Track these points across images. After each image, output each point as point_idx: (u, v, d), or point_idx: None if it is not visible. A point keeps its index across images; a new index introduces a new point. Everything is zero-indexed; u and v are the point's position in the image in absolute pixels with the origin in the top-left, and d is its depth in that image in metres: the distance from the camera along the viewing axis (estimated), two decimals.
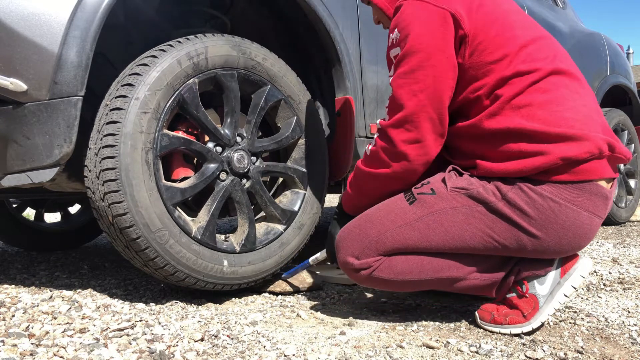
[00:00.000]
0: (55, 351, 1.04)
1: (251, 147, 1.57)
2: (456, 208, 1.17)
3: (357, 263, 1.23)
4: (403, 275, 1.21)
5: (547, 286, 1.19)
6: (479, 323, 1.24)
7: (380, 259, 1.21)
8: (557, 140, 1.09)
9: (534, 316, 1.17)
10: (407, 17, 1.19)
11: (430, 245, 1.19)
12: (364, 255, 1.22)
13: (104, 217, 1.33)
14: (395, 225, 1.21)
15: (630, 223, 3.83)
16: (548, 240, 1.13)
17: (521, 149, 1.11)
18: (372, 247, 1.21)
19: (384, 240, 1.21)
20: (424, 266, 1.21)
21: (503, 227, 1.14)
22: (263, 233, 1.61)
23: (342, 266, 1.27)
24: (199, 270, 1.40)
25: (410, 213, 1.20)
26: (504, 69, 1.15)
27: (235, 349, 1.08)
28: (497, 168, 1.14)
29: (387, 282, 1.23)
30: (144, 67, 1.36)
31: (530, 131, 1.10)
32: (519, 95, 1.13)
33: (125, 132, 1.30)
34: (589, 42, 3.52)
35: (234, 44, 1.54)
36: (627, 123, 3.79)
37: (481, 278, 1.21)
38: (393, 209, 1.23)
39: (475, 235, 1.16)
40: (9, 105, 1.29)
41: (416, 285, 1.24)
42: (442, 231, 1.17)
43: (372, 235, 1.22)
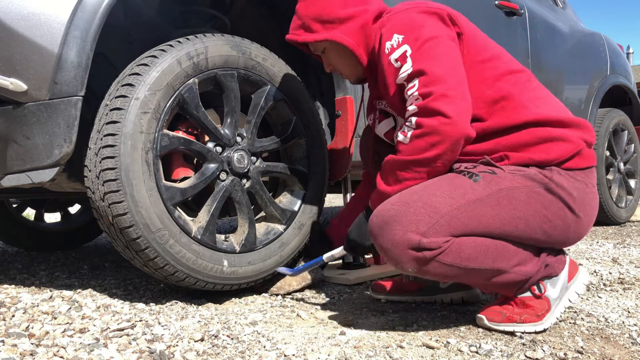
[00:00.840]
0: (55, 351, 1.04)
1: (251, 147, 1.57)
2: (519, 188, 1.15)
3: (426, 241, 1.08)
4: (467, 261, 1.11)
5: (557, 290, 1.22)
6: (486, 325, 1.21)
7: (450, 239, 1.10)
8: (572, 126, 1.21)
9: (546, 317, 1.20)
10: (409, 20, 1.22)
11: (500, 223, 1.13)
12: (433, 232, 1.08)
13: (104, 217, 1.33)
14: (467, 200, 1.12)
15: (630, 223, 3.83)
16: (584, 221, 1.20)
17: (549, 135, 1.18)
18: (443, 223, 1.09)
19: (459, 216, 1.10)
20: (487, 252, 1.13)
21: (556, 208, 1.16)
22: (263, 233, 1.61)
23: (397, 244, 1.10)
24: (199, 270, 1.40)
25: (479, 189, 1.13)
26: (498, 67, 1.24)
27: (235, 349, 1.08)
28: (535, 157, 1.17)
29: (446, 267, 1.11)
30: (144, 67, 1.36)
31: (552, 120, 1.19)
32: (525, 91, 1.22)
33: (126, 132, 1.30)
34: (589, 42, 3.52)
35: (234, 44, 1.54)
36: (627, 123, 3.79)
37: (520, 272, 1.18)
38: (458, 184, 1.14)
39: (535, 215, 1.15)
40: (9, 105, 1.29)
41: (466, 276, 1.15)
42: (511, 209, 1.13)
43: (444, 210, 1.10)
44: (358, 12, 1.33)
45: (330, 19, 1.32)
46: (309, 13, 1.35)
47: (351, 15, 1.33)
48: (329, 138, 1.91)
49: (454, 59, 1.19)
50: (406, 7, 1.27)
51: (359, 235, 1.35)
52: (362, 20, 1.33)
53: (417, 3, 1.28)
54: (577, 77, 3.30)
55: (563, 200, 1.16)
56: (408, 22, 1.23)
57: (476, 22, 2.62)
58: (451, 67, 1.17)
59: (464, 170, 1.19)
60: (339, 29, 1.32)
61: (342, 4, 1.33)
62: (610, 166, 3.64)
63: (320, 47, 1.40)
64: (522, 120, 1.19)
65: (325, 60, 1.43)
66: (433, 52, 1.17)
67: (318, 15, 1.33)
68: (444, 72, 1.15)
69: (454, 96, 1.12)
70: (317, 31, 1.34)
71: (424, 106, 1.13)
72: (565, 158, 1.17)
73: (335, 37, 1.32)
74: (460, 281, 1.25)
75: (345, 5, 1.33)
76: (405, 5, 1.29)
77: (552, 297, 1.22)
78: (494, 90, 1.22)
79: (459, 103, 1.13)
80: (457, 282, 1.21)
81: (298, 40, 1.38)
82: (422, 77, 1.16)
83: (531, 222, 1.15)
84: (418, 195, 1.13)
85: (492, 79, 1.23)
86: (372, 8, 1.36)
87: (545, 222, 1.16)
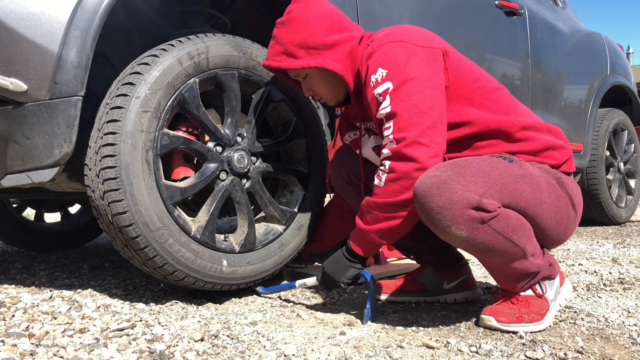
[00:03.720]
0: (55, 351, 1.04)
1: (251, 147, 1.57)
2: (541, 176, 1.22)
3: (486, 202, 1.09)
4: (512, 232, 1.13)
5: (553, 292, 1.28)
6: (495, 326, 1.20)
7: (501, 207, 1.12)
8: (560, 135, 1.33)
9: (546, 316, 1.24)
10: (394, 54, 1.24)
11: (534, 202, 1.18)
12: (489, 195, 1.10)
13: (104, 215, 1.33)
14: (510, 173, 1.16)
15: (630, 223, 3.83)
16: (578, 219, 1.31)
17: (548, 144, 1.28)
18: (497, 188, 1.12)
19: (507, 184, 1.14)
20: (525, 229, 1.16)
21: (565, 201, 1.25)
22: (262, 233, 1.61)
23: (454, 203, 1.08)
24: (198, 269, 1.40)
25: (515, 168, 1.19)
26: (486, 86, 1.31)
27: (235, 349, 1.08)
28: (537, 160, 1.27)
29: (494, 234, 1.11)
30: (145, 66, 1.36)
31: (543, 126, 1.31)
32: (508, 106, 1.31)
33: (126, 131, 1.30)
34: (589, 42, 3.52)
35: (235, 44, 1.54)
36: (627, 123, 3.79)
37: (534, 263, 1.21)
38: (497, 163, 1.18)
39: (551, 204, 1.22)
40: (9, 105, 1.29)
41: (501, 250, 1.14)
42: (539, 191, 1.19)
43: (495, 177, 1.13)
44: (344, 39, 1.34)
45: (315, 46, 1.31)
46: (291, 39, 1.33)
47: (337, 42, 1.33)
48: (329, 138, 1.91)
49: (432, 100, 1.21)
50: (391, 40, 1.27)
51: (334, 272, 1.35)
52: (349, 47, 1.34)
53: (403, 33, 1.29)
54: (577, 77, 3.30)
55: (569, 195, 1.26)
56: (393, 56, 1.24)
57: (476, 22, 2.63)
58: (427, 109, 1.20)
59: (495, 155, 1.24)
60: (325, 55, 1.32)
61: (326, 31, 1.32)
62: (610, 166, 3.64)
63: (302, 74, 1.39)
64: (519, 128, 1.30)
65: (305, 86, 1.42)
66: (411, 93, 1.20)
67: (302, 42, 1.32)
68: (418, 117, 1.19)
69: (426, 143, 1.18)
70: (301, 57, 1.32)
71: (397, 152, 1.19)
72: (559, 165, 1.29)
73: (324, 64, 1.31)
74: (488, 258, 1.20)
75: (329, 32, 1.33)
76: (390, 37, 1.28)
77: (550, 298, 1.26)
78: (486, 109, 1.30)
79: (430, 149, 1.18)
80: (482, 260, 1.21)
81: (281, 66, 1.36)
82: (396, 119, 1.20)
83: (549, 210, 1.22)
84: (469, 162, 1.15)
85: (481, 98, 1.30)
86: (356, 34, 1.37)
87: (557, 213, 1.24)
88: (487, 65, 2.48)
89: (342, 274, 1.33)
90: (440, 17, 2.27)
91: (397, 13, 2.05)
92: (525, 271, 1.21)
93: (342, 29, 1.35)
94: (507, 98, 1.34)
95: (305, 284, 1.48)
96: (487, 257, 1.18)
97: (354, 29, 1.38)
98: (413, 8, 2.13)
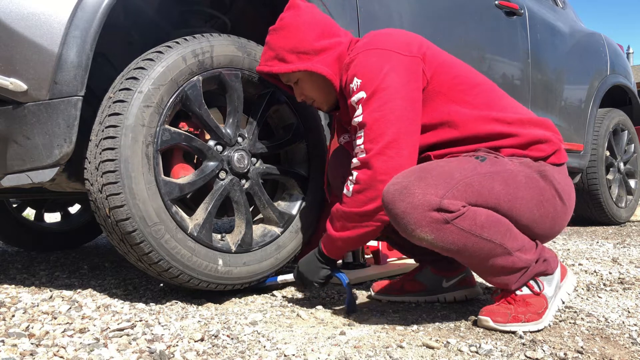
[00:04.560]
0: (55, 351, 1.04)
1: (252, 148, 1.57)
2: (519, 171, 1.21)
3: (446, 202, 1.10)
4: (482, 229, 1.12)
5: (552, 288, 1.26)
6: (492, 326, 1.20)
7: (467, 206, 1.12)
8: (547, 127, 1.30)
9: (545, 314, 1.22)
10: (369, 63, 1.27)
11: (507, 199, 1.16)
12: (451, 196, 1.11)
13: (101, 209, 1.33)
14: (478, 172, 1.16)
15: (630, 223, 3.83)
16: (568, 212, 1.29)
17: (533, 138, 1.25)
18: (460, 188, 1.12)
19: (472, 183, 1.13)
20: (499, 225, 1.15)
21: (549, 195, 1.23)
22: (260, 235, 1.60)
23: (415, 207, 1.10)
24: (194, 267, 1.40)
25: (487, 167, 1.18)
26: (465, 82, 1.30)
27: (235, 349, 1.08)
28: (523, 154, 1.25)
29: (462, 233, 1.12)
30: (150, 61, 1.37)
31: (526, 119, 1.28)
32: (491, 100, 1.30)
33: (127, 125, 1.30)
34: (589, 42, 3.52)
35: (240, 45, 1.54)
36: (627, 123, 3.79)
37: (521, 258, 1.20)
38: (466, 162, 1.18)
39: (532, 198, 1.21)
40: (9, 105, 1.29)
41: (474, 249, 1.14)
42: (514, 188, 1.18)
43: (458, 177, 1.13)
44: (333, 44, 1.40)
45: (305, 50, 1.38)
46: (282, 45, 1.39)
47: (326, 47, 1.39)
48: (329, 138, 1.90)
49: (401, 111, 1.23)
50: (367, 48, 1.30)
51: (307, 271, 1.42)
52: (337, 52, 1.39)
53: (381, 41, 1.31)
54: (577, 77, 3.30)
55: (555, 188, 1.23)
56: (367, 65, 1.27)
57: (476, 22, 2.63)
58: (395, 120, 1.22)
59: (468, 154, 1.24)
60: (314, 59, 1.38)
61: (316, 37, 1.39)
62: (610, 166, 3.65)
63: (294, 78, 1.45)
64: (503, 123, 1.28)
65: (297, 91, 1.48)
66: (381, 103, 1.23)
67: (293, 47, 1.38)
68: (385, 128, 1.22)
69: (391, 155, 1.21)
70: (292, 62, 1.39)
71: (364, 162, 1.24)
72: (546, 157, 1.26)
73: (313, 67, 1.37)
74: (465, 258, 1.20)
75: (319, 38, 1.39)
76: (368, 45, 1.31)
77: (549, 295, 1.24)
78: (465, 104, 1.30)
79: (394, 161, 1.21)
80: (461, 260, 1.21)
81: (272, 71, 1.42)
82: (366, 130, 1.24)
83: (529, 204, 1.20)
84: (432, 166, 1.17)
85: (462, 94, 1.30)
86: (345, 40, 1.43)
87: (540, 207, 1.22)
88: (487, 65, 2.48)
89: (315, 274, 1.41)
90: (440, 17, 2.27)
91: (397, 13, 2.05)
92: (511, 267, 1.20)
93: (331, 35, 1.41)
94: (491, 92, 1.33)
95: (286, 280, 1.56)
96: (465, 257, 1.18)
97: (342, 35, 1.44)
98: (413, 8, 2.13)
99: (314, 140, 1.73)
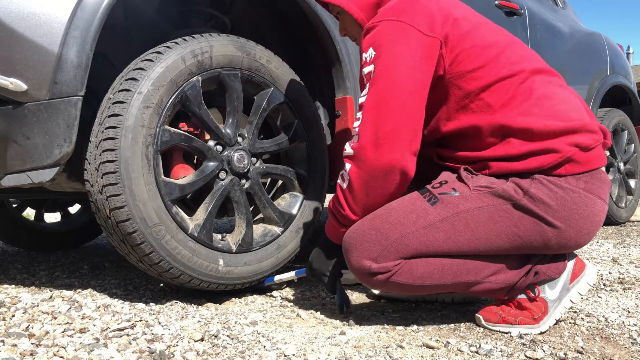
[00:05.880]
0: (55, 351, 1.04)
1: (252, 147, 1.57)
2: (481, 208, 1.14)
3: (376, 267, 1.15)
4: (422, 279, 1.16)
5: (557, 291, 1.22)
6: (484, 325, 1.23)
7: (400, 262, 1.15)
8: (563, 134, 1.13)
9: (543, 320, 1.20)
10: (386, 36, 1.18)
11: (455, 247, 1.15)
12: (382, 258, 1.15)
13: (102, 210, 1.33)
14: (417, 226, 1.15)
15: (630, 223, 3.83)
16: (570, 231, 1.14)
17: (531, 149, 1.13)
18: (392, 249, 1.15)
19: (407, 242, 1.14)
20: (444, 270, 1.16)
21: (529, 223, 1.14)
22: (260, 234, 1.61)
23: (356, 270, 1.20)
24: (194, 268, 1.40)
25: (434, 214, 1.15)
26: (486, 75, 1.18)
27: (235, 349, 1.08)
28: (515, 167, 1.15)
29: (404, 286, 1.17)
30: (149, 62, 1.37)
31: (534, 129, 1.13)
32: (512, 98, 1.17)
33: (127, 125, 1.30)
34: (589, 42, 3.52)
35: (239, 44, 1.54)
36: (627, 123, 3.79)
37: (497, 281, 1.20)
38: (413, 209, 1.17)
39: (501, 234, 1.14)
40: (9, 105, 1.29)
41: (432, 289, 1.20)
42: (469, 232, 1.14)
43: (393, 237, 1.15)
44: None
45: None
46: None
47: None
48: (329, 138, 1.91)
49: (405, 96, 1.15)
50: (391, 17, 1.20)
51: (319, 264, 1.38)
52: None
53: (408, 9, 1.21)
54: (577, 77, 3.30)
55: (537, 215, 1.13)
56: (383, 38, 1.19)
57: None
58: (398, 107, 1.15)
59: (428, 190, 1.20)
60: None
61: None
62: (610, 166, 3.64)
63: (334, 10, 1.44)
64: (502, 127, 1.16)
65: (340, 24, 1.44)
66: (386, 85, 1.16)
67: None
68: (385, 116, 1.15)
69: (389, 146, 1.15)
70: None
71: (359, 150, 1.18)
72: (549, 167, 1.12)
73: (344, 4, 1.31)
74: (433, 293, 1.28)
75: None
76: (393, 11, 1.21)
77: (551, 299, 1.21)
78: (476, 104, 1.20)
79: (392, 153, 1.15)
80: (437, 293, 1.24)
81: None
82: (365, 112, 1.18)
83: (496, 241, 1.15)
84: (373, 223, 1.18)
85: (476, 92, 1.19)
86: None
87: (516, 238, 1.15)
88: None
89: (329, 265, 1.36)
90: None
91: None
92: (488, 290, 1.21)
93: None
94: (518, 86, 1.18)
95: (282, 279, 1.56)
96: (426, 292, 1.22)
97: None
98: None
99: (313, 140, 1.73)
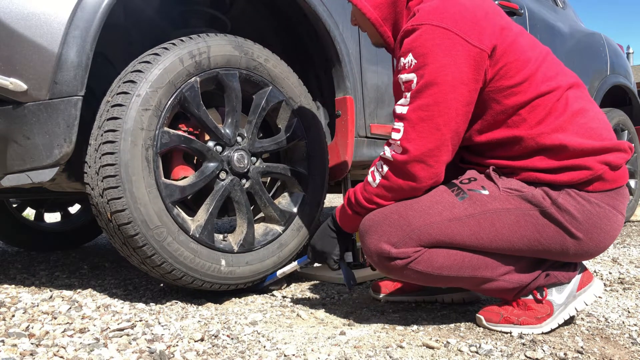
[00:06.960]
0: (55, 351, 1.04)
1: (251, 147, 1.57)
2: (509, 210, 1.15)
3: (395, 251, 1.14)
4: (441, 270, 1.15)
5: (564, 296, 1.22)
6: (485, 325, 1.23)
7: (421, 250, 1.14)
8: (596, 153, 1.13)
9: (546, 321, 1.20)
10: (430, 45, 1.12)
11: (477, 243, 1.15)
12: (403, 244, 1.14)
13: (103, 213, 1.33)
14: (442, 217, 1.14)
15: (630, 223, 3.83)
16: (590, 243, 1.16)
17: (564, 164, 1.13)
18: (414, 236, 1.14)
19: (430, 231, 1.14)
20: (464, 263, 1.16)
21: (552, 231, 1.15)
22: (261, 234, 1.61)
23: (372, 253, 1.17)
24: (197, 269, 1.40)
25: (461, 208, 1.15)
26: (526, 91, 1.15)
27: (235, 349, 1.08)
28: (545, 178, 1.14)
29: (421, 274, 1.16)
30: (147, 64, 1.37)
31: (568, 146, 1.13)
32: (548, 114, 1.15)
33: (126, 129, 1.30)
34: (589, 42, 3.52)
35: (237, 44, 1.54)
36: (627, 123, 3.79)
37: (510, 281, 1.20)
38: (439, 200, 1.16)
39: (523, 237, 1.15)
40: (9, 105, 1.29)
41: (448, 281, 1.19)
42: (493, 231, 1.14)
43: (416, 224, 1.14)
44: None
45: None
46: None
47: None
48: (329, 138, 1.91)
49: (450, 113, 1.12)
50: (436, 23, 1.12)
51: (322, 246, 1.37)
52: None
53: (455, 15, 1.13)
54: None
55: (561, 224, 1.14)
56: (428, 46, 1.12)
57: None
58: (442, 125, 1.13)
59: (456, 184, 1.20)
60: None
61: None
62: None
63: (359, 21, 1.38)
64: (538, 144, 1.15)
65: (352, 15, 1.39)
66: (432, 101, 1.12)
67: None
68: (430, 133, 1.13)
69: (431, 163, 1.14)
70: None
71: (399, 163, 1.16)
72: (578, 182, 1.13)
73: (358, 2, 1.27)
74: (446, 286, 1.27)
75: None
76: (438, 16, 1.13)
77: (557, 303, 1.21)
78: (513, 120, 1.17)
79: (432, 170, 1.15)
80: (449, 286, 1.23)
81: None
82: (408, 126, 1.14)
83: (517, 243, 1.16)
84: (397, 208, 1.18)
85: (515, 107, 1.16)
86: None
87: (537, 244, 1.16)
88: None
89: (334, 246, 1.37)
90: None
91: None
92: (501, 288, 1.21)
93: None
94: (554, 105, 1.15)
95: (284, 272, 1.56)
96: (440, 284, 1.22)
97: None
98: None
99: (313, 138, 1.73)
